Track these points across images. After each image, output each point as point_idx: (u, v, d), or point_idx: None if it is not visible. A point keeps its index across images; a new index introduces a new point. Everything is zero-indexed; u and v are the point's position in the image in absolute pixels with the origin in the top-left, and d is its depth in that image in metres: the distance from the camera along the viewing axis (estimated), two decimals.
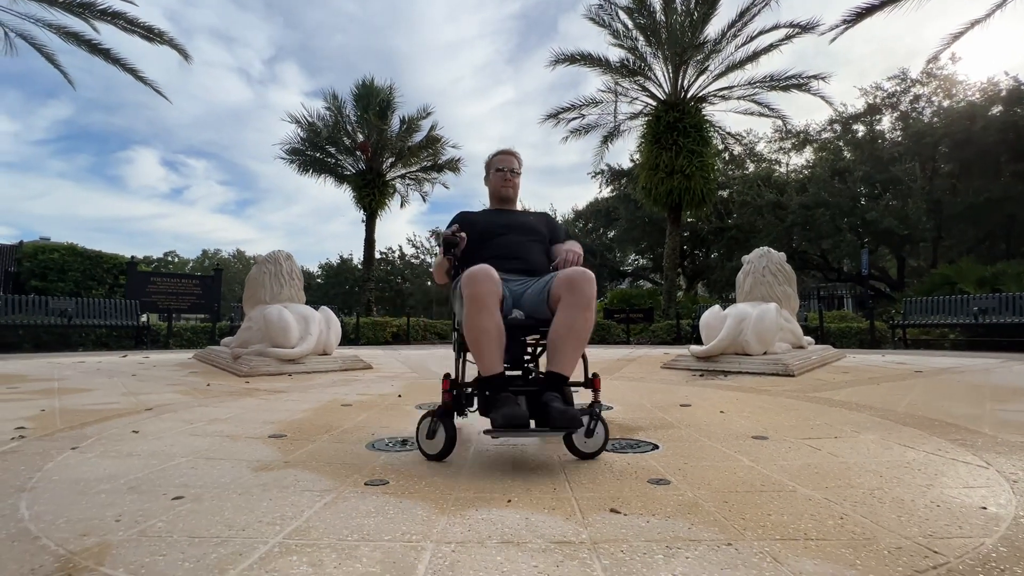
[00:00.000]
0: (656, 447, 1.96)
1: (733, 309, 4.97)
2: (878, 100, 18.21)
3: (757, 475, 1.59)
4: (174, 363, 5.61)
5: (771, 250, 5.46)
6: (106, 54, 10.21)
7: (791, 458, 1.79)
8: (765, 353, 4.71)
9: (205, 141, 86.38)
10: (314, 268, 30.48)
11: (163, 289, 10.87)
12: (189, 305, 11.31)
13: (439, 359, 6.67)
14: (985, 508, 1.28)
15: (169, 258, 48.51)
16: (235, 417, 2.56)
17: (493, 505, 1.34)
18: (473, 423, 2.42)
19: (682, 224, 14.91)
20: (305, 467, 1.69)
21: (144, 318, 9.58)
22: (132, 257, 11.07)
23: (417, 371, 5.05)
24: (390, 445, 2.00)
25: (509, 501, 1.37)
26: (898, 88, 17.80)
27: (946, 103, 17.00)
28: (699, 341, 5.17)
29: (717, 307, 5.26)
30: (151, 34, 9.93)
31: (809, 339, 5.92)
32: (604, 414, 2.62)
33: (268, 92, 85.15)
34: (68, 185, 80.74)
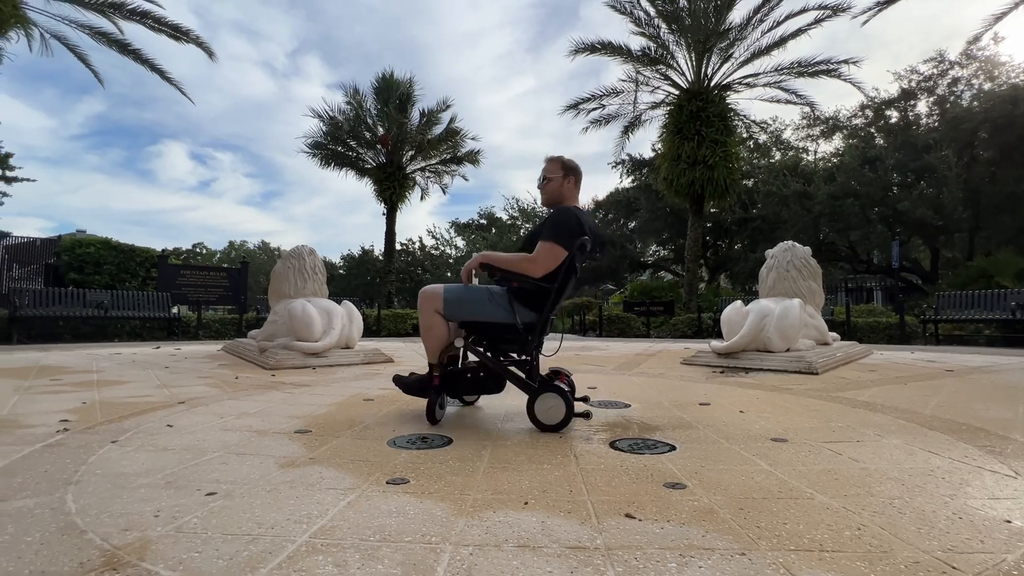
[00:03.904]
0: (673, 448, 1.97)
1: (755, 305, 4.89)
2: (913, 84, 17.45)
3: (775, 481, 1.58)
4: (204, 355, 5.81)
5: (795, 244, 5.35)
6: (136, 54, 10.51)
7: (810, 463, 1.77)
8: (788, 350, 4.63)
9: (231, 134, 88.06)
10: (336, 259, 30.94)
11: (192, 281, 11.21)
12: (217, 297, 11.65)
13: None
14: (1010, 521, 1.26)
15: (197, 249, 49.81)
16: (262, 411, 2.66)
17: (510, 507, 1.37)
18: (494, 422, 2.45)
19: (705, 215, 14.64)
20: (329, 464, 1.75)
21: (175, 310, 9.92)
22: (163, 250, 11.45)
23: None
24: (410, 442, 2.05)
25: (526, 503, 1.40)
26: (935, 71, 17.02)
27: (987, 86, 16.19)
28: (720, 335, 5.11)
29: (739, 302, 5.19)
30: (178, 33, 10.17)
31: (834, 335, 5.80)
32: (622, 412, 2.64)
33: (291, 85, 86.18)
34: (102, 179, 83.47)
